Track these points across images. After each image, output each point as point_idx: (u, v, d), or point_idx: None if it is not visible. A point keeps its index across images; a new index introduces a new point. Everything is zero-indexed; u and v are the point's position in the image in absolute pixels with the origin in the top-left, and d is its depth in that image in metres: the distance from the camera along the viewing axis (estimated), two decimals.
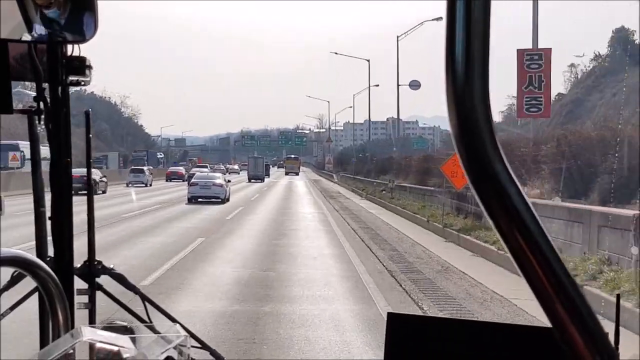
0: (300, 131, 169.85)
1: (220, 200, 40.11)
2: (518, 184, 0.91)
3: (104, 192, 47.84)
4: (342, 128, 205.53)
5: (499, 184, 0.90)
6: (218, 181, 41.51)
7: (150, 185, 62.74)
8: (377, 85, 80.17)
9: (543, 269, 0.92)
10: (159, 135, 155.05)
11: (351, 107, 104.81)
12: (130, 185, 60.71)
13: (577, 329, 0.93)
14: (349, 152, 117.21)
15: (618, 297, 1.34)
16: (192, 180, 42.67)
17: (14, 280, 2.03)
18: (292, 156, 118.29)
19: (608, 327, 0.98)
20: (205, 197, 39.94)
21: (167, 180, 75.34)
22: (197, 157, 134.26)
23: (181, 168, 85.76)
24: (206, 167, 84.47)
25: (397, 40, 64.89)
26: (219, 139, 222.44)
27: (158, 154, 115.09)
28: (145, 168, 68.83)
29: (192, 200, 39.90)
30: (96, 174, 48.38)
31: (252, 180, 78.35)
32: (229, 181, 45.78)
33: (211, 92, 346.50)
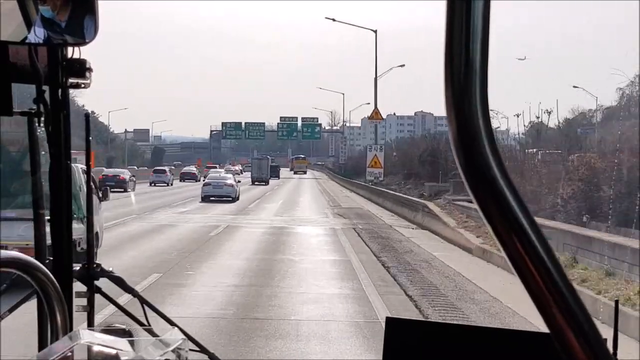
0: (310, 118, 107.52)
1: (231, 199, 41.91)
2: (517, 189, 0.90)
3: (132, 189, 50.05)
4: (358, 124, 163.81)
5: (497, 190, 0.89)
6: (229, 182, 43.78)
7: (172, 184, 66.52)
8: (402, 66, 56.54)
9: (541, 274, 0.91)
10: (133, 130, 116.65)
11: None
12: (153, 184, 64.87)
13: (574, 334, 0.92)
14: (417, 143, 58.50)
15: (617, 303, 1.32)
16: (206, 180, 45.55)
17: (13, 283, 2.03)
18: (301, 156, 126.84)
19: (607, 333, 0.96)
20: (217, 196, 41.88)
21: (180, 180, 76.85)
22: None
23: (193, 168, 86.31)
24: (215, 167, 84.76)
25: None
26: (211, 135, 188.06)
27: None
28: (167, 168, 72.33)
29: (205, 198, 41.49)
30: (126, 174, 52.71)
31: (256, 183, 73.04)
32: (239, 182, 47.85)
33: (205, 89, 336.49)
